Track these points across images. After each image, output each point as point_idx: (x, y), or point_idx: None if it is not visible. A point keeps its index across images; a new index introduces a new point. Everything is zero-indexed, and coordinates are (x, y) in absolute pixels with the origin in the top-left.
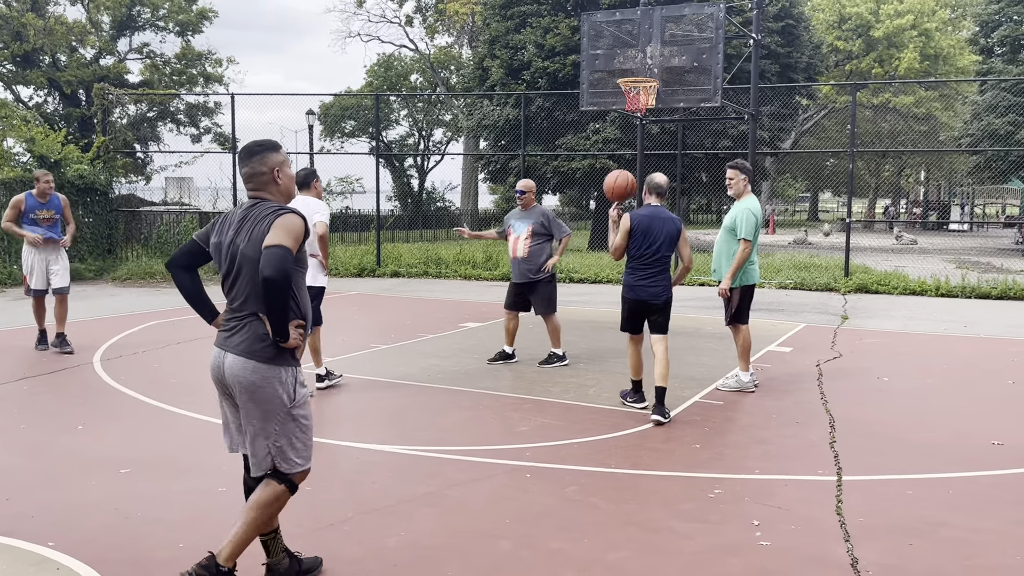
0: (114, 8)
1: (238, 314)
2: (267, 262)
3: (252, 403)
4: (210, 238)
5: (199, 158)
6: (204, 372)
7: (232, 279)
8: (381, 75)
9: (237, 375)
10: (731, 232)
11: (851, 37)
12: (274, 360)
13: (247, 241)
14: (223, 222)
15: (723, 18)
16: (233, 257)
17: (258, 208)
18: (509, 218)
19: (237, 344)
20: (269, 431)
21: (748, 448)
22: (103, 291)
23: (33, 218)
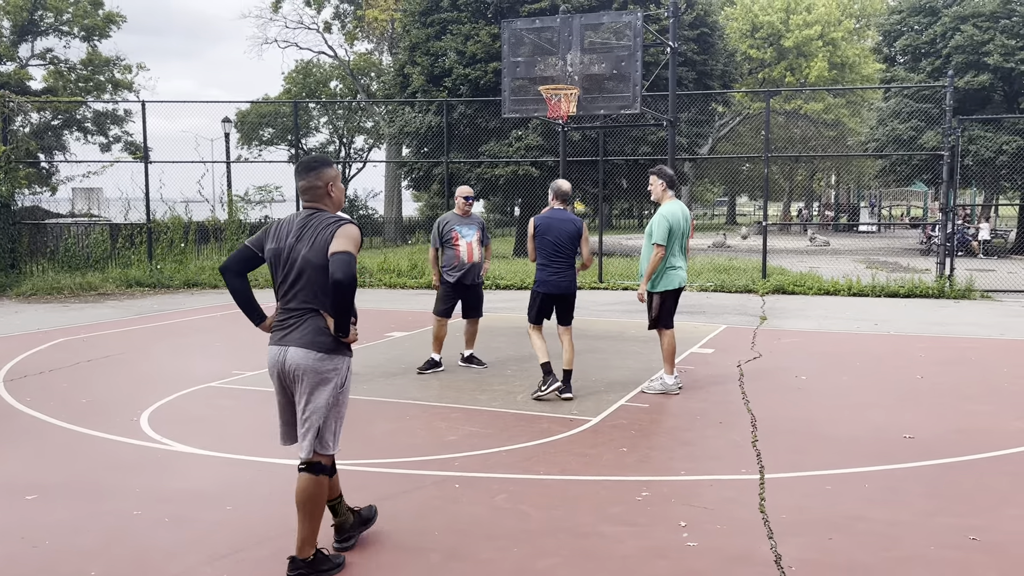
0: (14, 12)
1: (296, 311)
2: (337, 266)
3: (310, 389)
4: (264, 245)
5: (108, 168)
6: (117, 390)
7: (292, 280)
8: (300, 82)
9: (300, 364)
10: (648, 236)
11: (763, 46)
12: (333, 351)
13: (310, 247)
14: (278, 230)
15: (641, 26)
16: (294, 261)
17: (317, 218)
18: (451, 224)
19: (298, 338)
20: (320, 414)
21: (674, 450)
22: (6, 308)
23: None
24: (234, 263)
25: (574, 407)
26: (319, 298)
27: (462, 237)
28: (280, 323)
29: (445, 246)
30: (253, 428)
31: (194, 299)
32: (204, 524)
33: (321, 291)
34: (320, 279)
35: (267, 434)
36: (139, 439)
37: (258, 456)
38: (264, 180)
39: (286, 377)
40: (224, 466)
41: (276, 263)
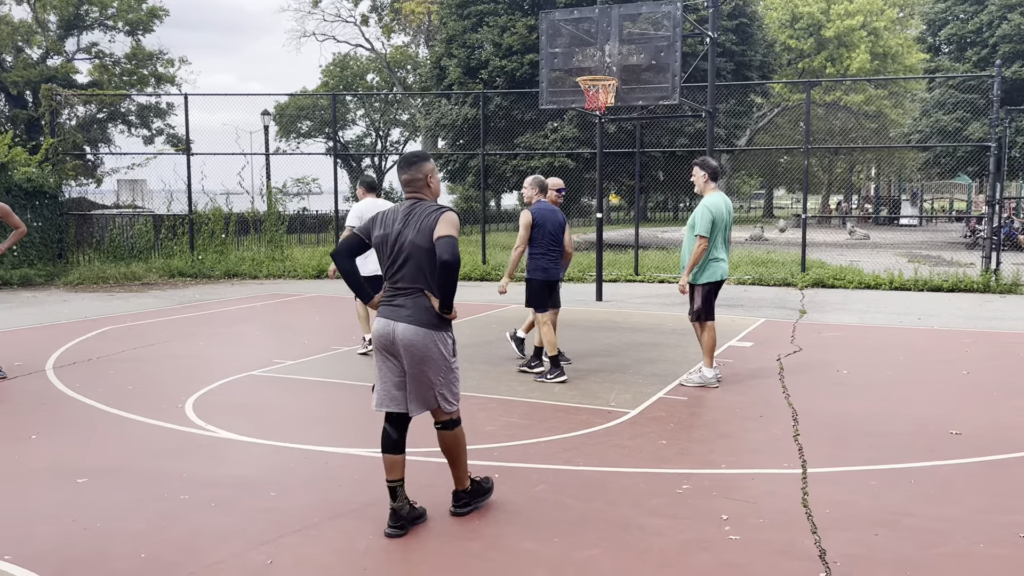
0: (61, 7)
1: (404, 291)
2: (443, 248)
3: (421, 361)
4: (371, 232)
5: (152, 160)
6: (162, 378)
7: (400, 263)
8: (337, 75)
9: (409, 339)
10: (692, 230)
11: (803, 36)
12: (437, 326)
13: (416, 232)
14: (384, 218)
15: (680, 16)
16: (401, 245)
17: (420, 206)
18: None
19: (406, 315)
20: (435, 381)
21: (714, 443)
22: (54, 296)
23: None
24: (344, 248)
25: (612, 399)
26: (423, 278)
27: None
28: (388, 300)
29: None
30: (294, 416)
31: (234, 289)
32: (248, 509)
33: (426, 272)
34: (425, 261)
35: (308, 422)
36: (184, 425)
37: (299, 443)
38: (302, 172)
39: (393, 349)
40: (267, 453)
41: (384, 247)
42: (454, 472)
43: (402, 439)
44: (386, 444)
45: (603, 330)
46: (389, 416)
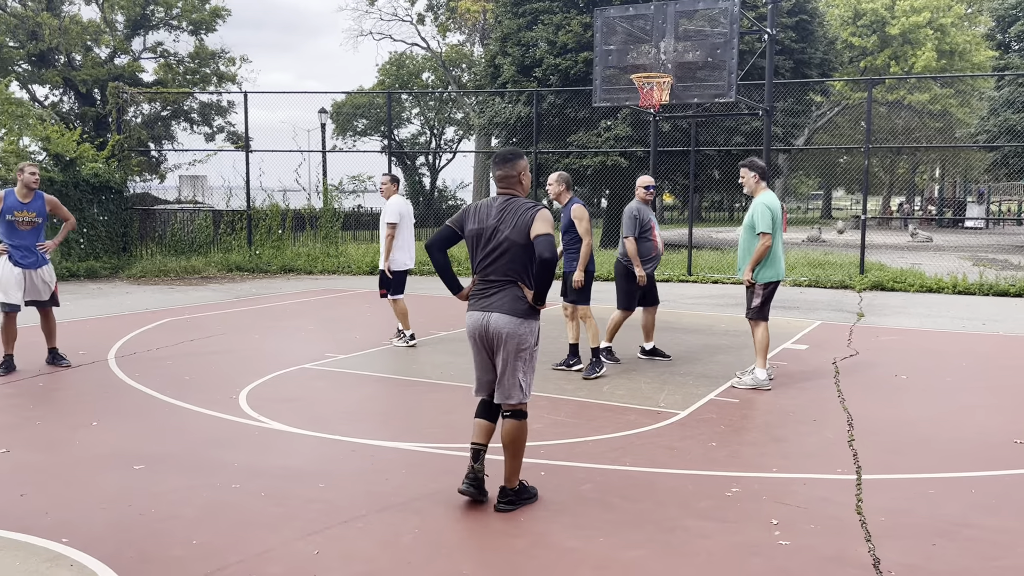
0: (128, 7)
1: (496, 283)
2: (544, 246)
3: (511, 348)
4: (464, 225)
5: (212, 156)
6: (217, 369)
7: (493, 256)
8: (393, 73)
9: (502, 328)
10: (750, 229)
11: (866, 33)
12: (528, 316)
13: (512, 228)
14: (477, 212)
15: (737, 12)
16: (496, 240)
17: (514, 203)
18: (645, 213)
19: (500, 305)
20: (520, 368)
21: (765, 446)
22: (118, 288)
23: (11, 220)
24: (438, 240)
25: (661, 399)
26: (516, 271)
27: (655, 227)
28: (480, 292)
29: (643, 236)
30: (344, 409)
31: (290, 284)
32: (297, 500)
33: (519, 265)
34: (520, 255)
35: (357, 415)
36: (238, 416)
37: (349, 436)
38: (357, 170)
39: (487, 338)
40: (317, 445)
41: (477, 241)
42: (509, 465)
43: (496, 410)
44: (480, 410)
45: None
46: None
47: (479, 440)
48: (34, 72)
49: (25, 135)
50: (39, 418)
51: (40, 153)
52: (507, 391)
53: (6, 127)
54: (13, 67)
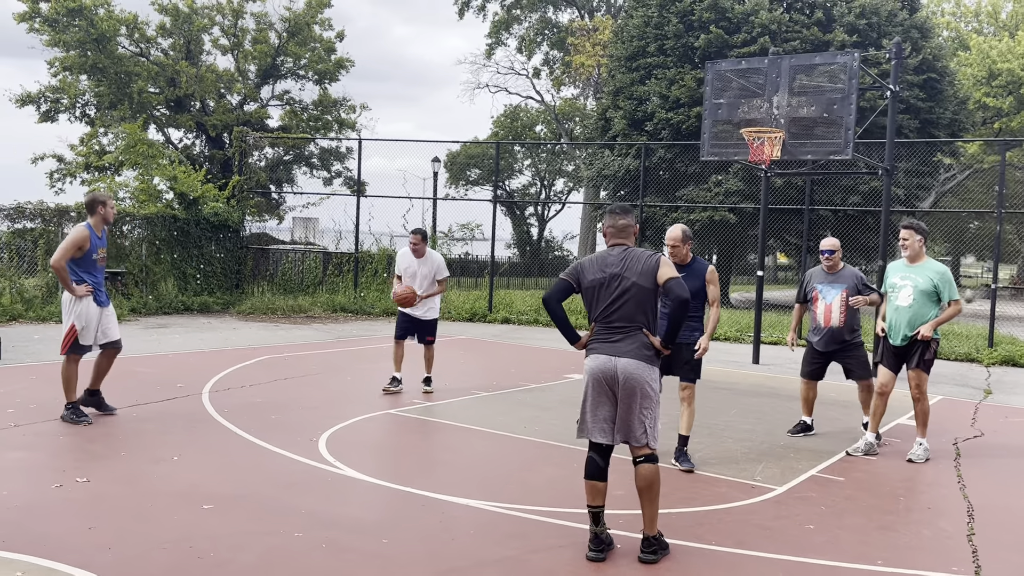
0: (260, 58)
1: (623, 329)
2: (680, 288)
3: (637, 394)
4: (580, 278)
5: (325, 200)
6: (304, 410)
7: (620, 303)
8: (507, 125)
9: (632, 372)
10: (927, 295)
11: (1001, 94)
12: (652, 361)
13: (638, 274)
14: (595, 264)
15: (857, 67)
16: (621, 287)
17: (633, 251)
18: (812, 281)
19: (627, 351)
20: (647, 415)
21: (869, 534)
22: (226, 324)
23: (95, 259)
24: (556, 293)
25: (758, 472)
26: (641, 316)
27: (822, 297)
28: (604, 337)
29: (808, 305)
30: (422, 459)
31: (390, 326)
32: (358, 555)
33: (644, 311)
34: (644, 301)
35: (434, 466)
36: (315, 460)
37: (421, 489)
38: (467, 218)
39: (613, 382)
40: (389, 496)
41: (599, 289)
42: (647, 512)
43: (606, 467)
44: (591, 471)
45: (755, 395)
46: (594, 445)
47: (595, 502)
48: (171, 116)
49: (155, 174)
50: (125, 449)
51: (168, 192)
52: (636, 435)
53: (141, 166)
54: (152, 111)
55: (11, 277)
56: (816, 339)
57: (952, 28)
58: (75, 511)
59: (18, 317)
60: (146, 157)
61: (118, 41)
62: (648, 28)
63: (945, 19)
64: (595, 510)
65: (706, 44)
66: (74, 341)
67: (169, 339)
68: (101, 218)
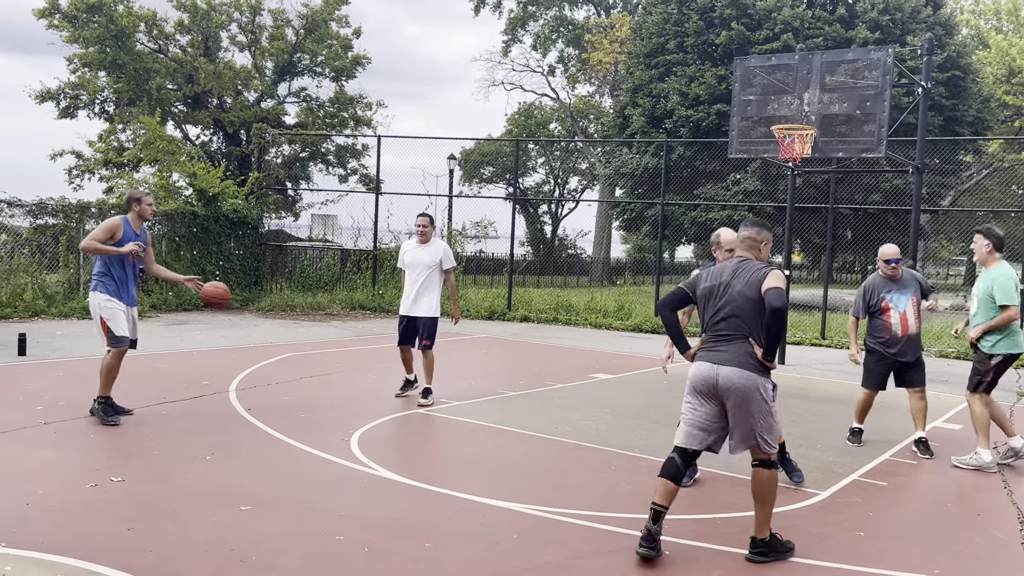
0: (278, 55)
1: (728, 337)
2: (774, 297)
3: (743, 402)
4: (696, 288)
5: (344, 197)
6: (333, 408)
7: (725, 312)
8: (521, 123)
9: (732, 381)
10: (989, 300)
11: (1021, 92)
12: (758, 371)
13: (744, 284)
14: (711, 274)
15: (891, 64)
16: (728, 296)
17: (748, 264)
18: (877, 290)
19: (730, 359)
20: (756, 422)
21: (923, 542)
22: (247, 321)
23: None
24: (670, 301)
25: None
26: (746, 327)
27: (894, 307)
28: (710, 346)
29: (873, 316)
30: (456, 460)
31: None
32: (401, 559)
33: (749, 321)
34: (750, 311)
35: (469, 468)
36: (348, 460)
37: (458, 491)
38: (481, 216)
39: (714, 390)
40: (426, 498)
41: (709, 298)
42: (759, 515)
43: (684, 471)
44: (668, 471)
45: (785, 397)
46: (678, 448)
47: (661, 502)
48: (188, 113)
49: (174, 171)
50: (157, 448)
51: (187, 188)
52: (743, 440)
53: (160, 162)
54: (170, 108)
55: (33, 273)
56: (893, 349)
57: (972, 26)
58: (112, 511)
59: (40, 313)
60: (165, 153)
61: (137, 37)
62: (668, 25)
63: (965, 17)
64: (657, 508)
65: (727, 41)
66: (108, 332)
67: (191, 336)
68: (138, 215)
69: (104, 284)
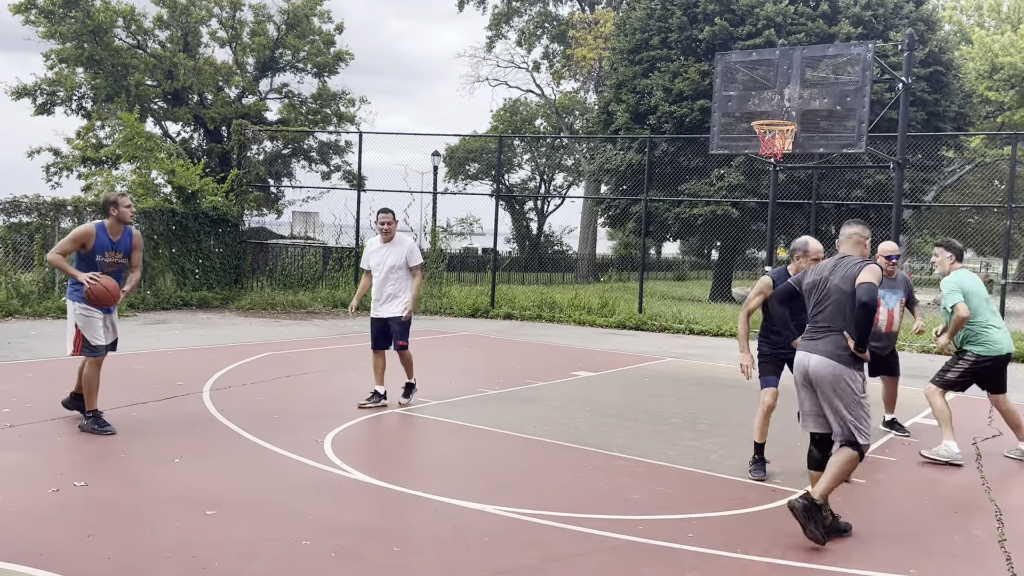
0: (259, 51)
1: (823, 328)
2: (863, 292)
3: (828, 389)
4: (802, 281)
5: (325, 194)
6: (307, 409)
7: (824, 305)
8: (506, 120)
9: (819, 371)
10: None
11: (1003, 88)
12: (848, 363)
13: (841, 278)
14: (816, 270)
15: (871, 59)
16: (827, 289)
17: (847, 260)
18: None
19: (822, 349)
20: (845, 413)
21: (899, 541)
22: (226, 320)
23: (99, 261)
24: (780, 294)
25: (777, 475)
26: (841, 320)
27: (884, 303)
28: (808, 336)
29: None
30: (430, 461)
31: None
32: (368, 564)
33: (844, 314)
34: (845, 304)
35: (443, 469)
36: (320, 462)
37: (431, 493)
38: (466, 213)
39: (806, 378)
40: (398, 500)
41: (812, 291)
42: (825, 481)
43: (826, 458)
44: (810, 462)
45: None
46: (813, 437)
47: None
48: (168, 109)
49: (153, 168)
50: (124, 451)
51: (166, 186)
52: (835, 428)
53: (138, 159)
54: (149, 104)
55: (7, 272)
56: (879, 345)
57: (955, 22)
58: (73, 517)
59: (14, 313)
60: (144, 150)
61: (115, 33)
62: (651, 20)
63: (947, 13)
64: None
65: (711, 36)
66: (83, 341)
67: (168, 335)
68: (116, 219)
69: (79, 292)
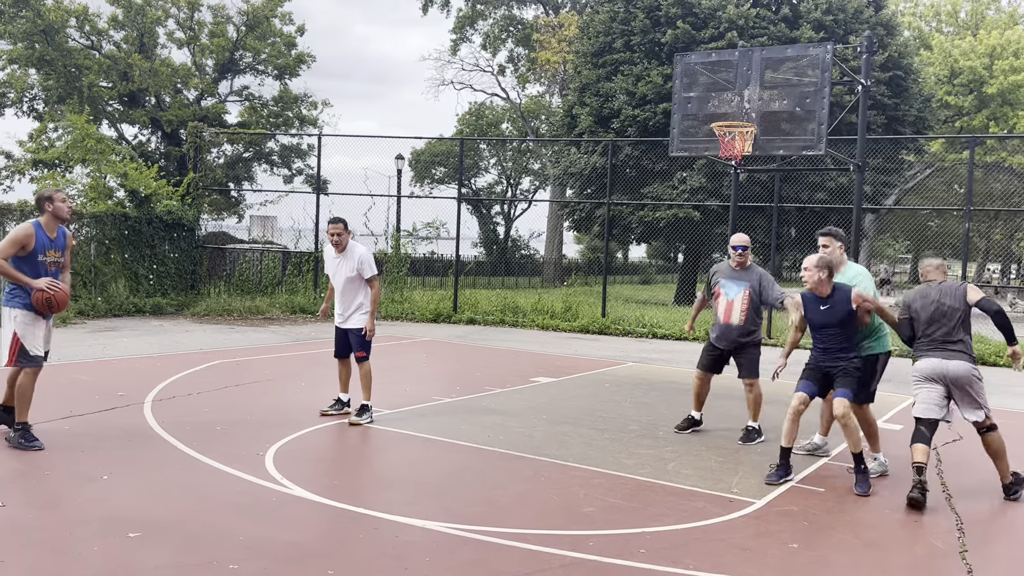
0: (218, 52)
1: (950, 340)
2: (991, 303)
3: (968, 385)
4: (911, 306)
5: (284, 197)
6: (253, 420)
7: (945, 322)
8: (472, 123)
9: (960, 373)
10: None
11: (963, 93)
12: (973, 361)
13: (952, 299)
14: (918, 296)
15: (829, 60)
16: (942, 311)
17: (947, 284)
18: (718, 275)
19: (958, 355)
20: (979, 399)
21: (858, 553)
22: (179, 327)
23: (41, 262)
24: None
25: (735, 484)
26: (962, 330)
27: (724, 293)
28: (937, 347)
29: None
30: (377, 475)
31: None
32: None
33: (963, 326)
34: (962, 319)
35: (390, 483)
36: (260, 477)
37: (374, 510)
38: (433, 216)
39: (944, 378)
40: (336, 519)
41: (922, 313)
42: (1000, 466)
43: (932, 436)
44: (918, 438)
45: (726, 398)
46: (923, 420)
47: (921, 459)
48: (124, 112)
49: (105, 171)
50: (50, 467)
51: (119, 190)
52: (973, 411)
53: (90, 163)
54: (104, 106)
55: None
56: (714, 335)
57: (914, 28)
58: None
59: None
60: (95, 153)
61: (67, 33)
62: (614, 24)
63: (907, 18)
64: (919, 465)
65: (673, 40)
66: (20, 350)
67: (116, 343)
68: (52, 216)
69: (21, 298)
